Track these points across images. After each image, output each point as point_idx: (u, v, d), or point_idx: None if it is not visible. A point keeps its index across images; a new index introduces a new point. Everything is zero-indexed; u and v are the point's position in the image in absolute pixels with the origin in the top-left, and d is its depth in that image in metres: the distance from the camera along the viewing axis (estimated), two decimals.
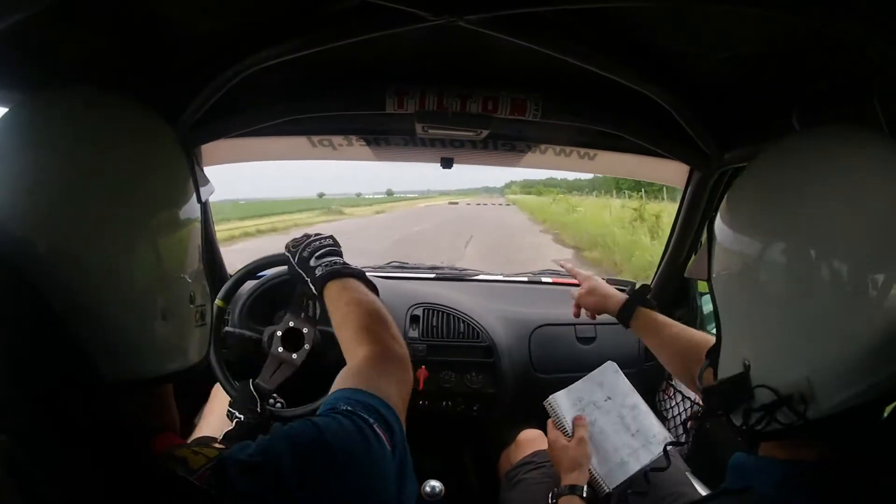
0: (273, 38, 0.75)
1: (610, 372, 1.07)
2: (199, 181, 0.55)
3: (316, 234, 0.89)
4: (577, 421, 0.98)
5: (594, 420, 1.01)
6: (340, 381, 0.59)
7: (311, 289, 0.83)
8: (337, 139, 1.24)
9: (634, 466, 0.96)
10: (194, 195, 0.54)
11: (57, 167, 0.44)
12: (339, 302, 0.77)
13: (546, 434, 1.19)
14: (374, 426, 0.50)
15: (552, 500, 0.90)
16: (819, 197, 0.46)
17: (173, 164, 0.52)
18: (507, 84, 0.97)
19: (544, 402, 1.04)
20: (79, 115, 0.48)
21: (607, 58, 0.78)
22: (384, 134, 1.22)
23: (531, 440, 1.20)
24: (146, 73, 0.75)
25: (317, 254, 0.84)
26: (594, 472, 0.95)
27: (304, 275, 0.84)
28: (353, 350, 0.68)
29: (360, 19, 0.71)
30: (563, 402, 1.03)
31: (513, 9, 0.66)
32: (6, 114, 0.47)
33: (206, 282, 0.56)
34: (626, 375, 1.09)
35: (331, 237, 0.89)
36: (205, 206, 0.85)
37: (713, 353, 0.58)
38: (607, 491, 0.94)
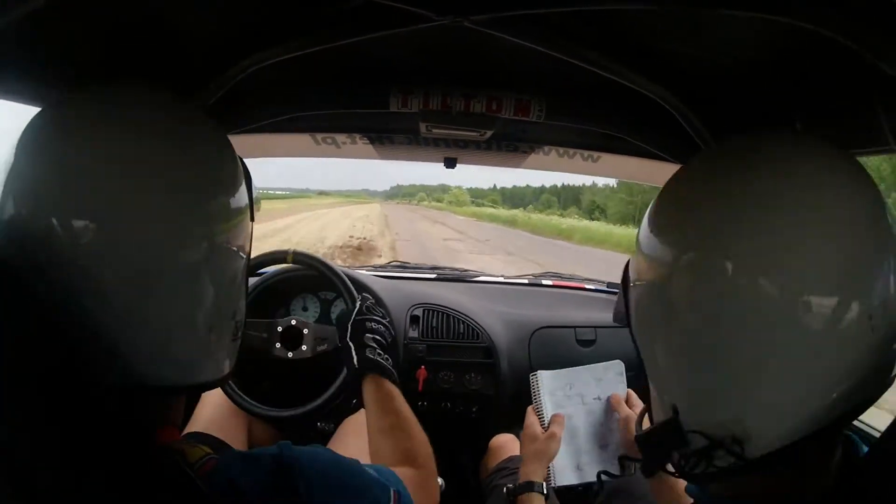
0: (277, 36, 0.76)
1: (613, 372, 1.00)
2: (252, 189, 0.55)
3: (388, 320, 0.92)
4: (554, 418, 0.94)
5: (572, 414, 0.95)
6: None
7: (348, 359, 0.83)
8: (341, 137, 1.25)
9: (588, 477, 0.92)
10: (245, 195, 0.53)
11: (114, 165, 0.43)
12: (384, 404, 0.78)
13: (516, 439, 1.18)
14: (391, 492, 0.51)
15: (509, 497, 0.87)
16: (748, 206, 0.41)
17: (231, 166, 0.52)
18: (511, 85, 0.97)
19: (530, 375, 0.99)
20: (126, 108, 0.46)
21: (612, 60, 0.78)
22: (388, 133, 1.22)
23: (502, 445, 1.19)
24: (149, 70, 0.76)
25: (377, 334, 0.87)
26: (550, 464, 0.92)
27: (354, 345, 0.84)
28: (390, 462, 0.67)
29: (365, 19, 0.71)
30: (547, 384, 0.98)
31: (518, 10, 0.65)
32: (40, 113, 0.45)
33: (245, 294, 0.55)
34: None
35: (389, 324, 0.92)
36: None
37: (645, 395, 0.55)
38: (552, 485, 0.91)
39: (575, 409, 0.96)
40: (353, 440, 1.07)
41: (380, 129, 1.21)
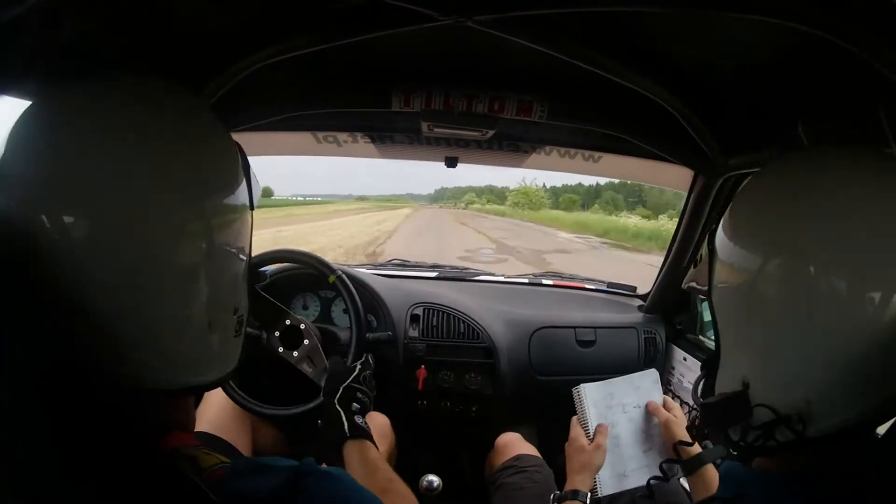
0: (280, 34, 0.75)
1: (650, 380, 1.03)
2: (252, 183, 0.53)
3: (370, 387, 0.94)
4: (599, 429, 0.96)
5: (616, 422, 0.98)
6: None
7: (334, 425, 0.83)
8: (342, 136, 1.25)
9: (633, 483, 0.95)
10: (245, 193, 0.52)
11: (110, 155, 0.42)
12: (372, 467, 0.77)
13: (523, 439, 1.21)
14: None
15: (554, 503, 0.90)
16: (820, 216, 0.46)
17: (232, 160, 0.51)
18: (513, 85, 0.97)
19: (573, 389, 1.00)
20: (125, 101, 0.45)
21: (615, 62, 0.78)
22: (389, 132, 1.22)
23: (508, 444, 1.20)
24: (153, 66, 0.75)
25: (358, 402, 0.87)
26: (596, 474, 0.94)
27: (341, 410, 0.84)
28: None
29: (368, 18, 0.71)
30: (591, 395, 0.99)
31: (521, 10, 0.65)
32: (32, 106, 0.45)
33: (247, 289, 0.54)
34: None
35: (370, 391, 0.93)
36: None
37: (710, 364, 0.58)
38: (598, 496, 0.93)
39: (618, 419, 0.99)
40: None
41: (381, 128, 1.21)
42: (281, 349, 1.08)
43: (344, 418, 0.82)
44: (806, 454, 0.48)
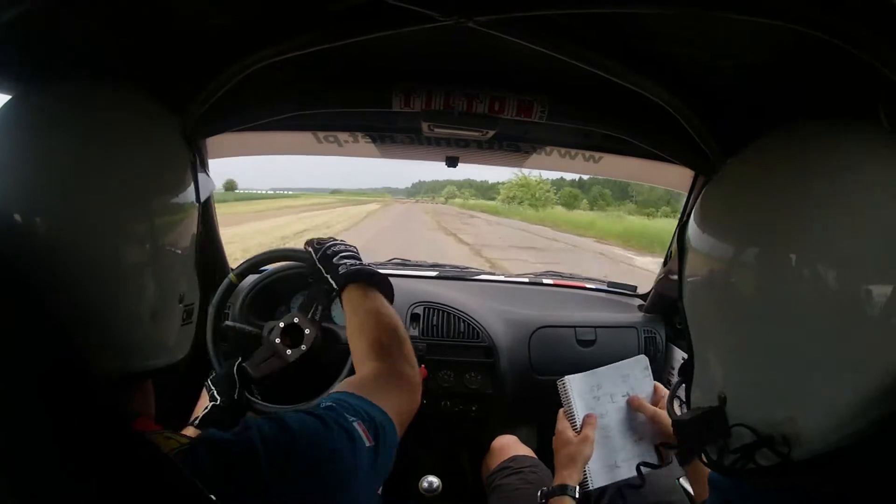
0: (280, 34, 0.75)
1: (639, 368, 1.00)
2: (198, 179, 0.55)
3: (340, 239, 0.90)
4: (587, 419, 0.94)
5: (604, 413, 0.96)
6: (340, 387, 0.59)
7: (327, 287, 0.82)
8: (343, 135, 1.25)
9: (624, 474, 0.93)
10: (192, 191, 0.54)
11: (56, 155, 0.44)
12: (358, 308, 0.76)
13: (519, 441, 1.22)
14: (354, 423, 0.50)
15: (542, 499, 0.89)
16: (805, 197, 0.40)
17: (173, 157, 0.52)
18: (513, 85, 0.97)
19: (558, 381, 0.98)
20: (78, 105, 0.48)
21: (615, 62, 0.78)
22: (390, 131, 1.22)
23: (504, 446, 1.21)
24: (153, 66, 0.76)
25: (341, 254, 0.84)
26: (585, 466, 0.93)
27: (325, 271, 0.83)
28: (363, 362, 0.67)
29: (368, 18, 0.71)
30: (576, 387, 0.97)
31: (522, 11, 0.65)
32: (7, 103, 0.47)
33: (196, 279, 0.56)
34: None
35: (354, 246, 0.89)
36: (207, 203, 0.84)
37: (686, 371, 0.52)
38: (589, 488, 0.92)
39: (606, 409, 0.97)
40: None
41: (382, 128, 1.21)
42: (278, 341, 1.08)
43: (330, 276, 0.81)
44: (794, 476, 0.42)
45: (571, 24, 0.73)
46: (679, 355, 1.35)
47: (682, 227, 0.52)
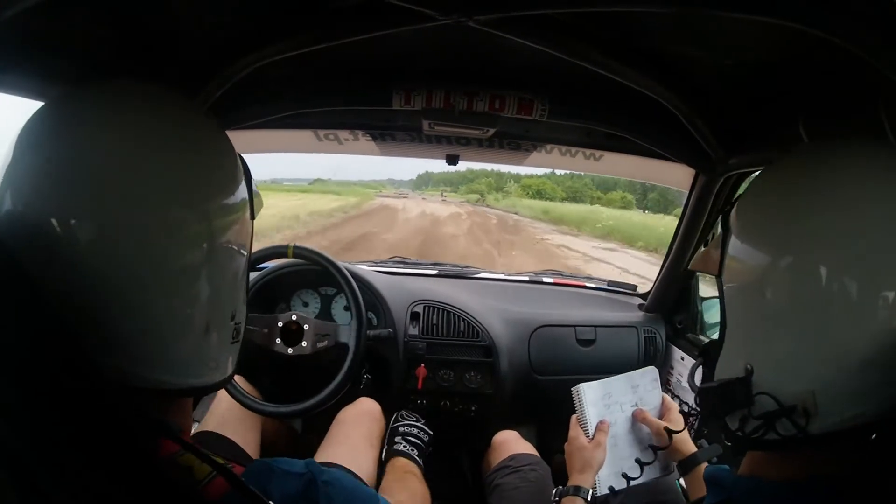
0: (281, 33, 0.76)
1: (649, 378, 1.02)
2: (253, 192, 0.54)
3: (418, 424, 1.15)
4: (599, 426, 0.96)
5: (614, 421, 0.98)
6: None
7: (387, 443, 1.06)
8: (343, 134, 1.25)
9: (631, 482, 0.94)
10: (247, 202, 0.52)
11: (114, 158, 0.43)
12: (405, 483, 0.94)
13: (520, 437, 1.21)
14: None
15: (556, 498, 0.90)
16: (830, 211, 0.45)
17: (232, 165, 0.51)
18: (514, 83, 0.97)
19: (572, 389, 0.99)
20: (137, 107, 0.46)
21: (615, 61, 0.78)
22: (390, 129, 1.22)
23: (504, 442, 1.20)
24: (154, 65, 0.76)
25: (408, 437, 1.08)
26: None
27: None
28: None
29: (369, 17, 0.71)
30: (589, 396, 0.99)
31: (522, 10, 0.65)
32: (42, 108, 0.45)
33: (245, 296, 0.55)
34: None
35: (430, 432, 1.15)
36: None
37: (709, 351, 0.56)
38: (596, 495, 0.92)
39: (615, 417, 0.98)
40: (352, 429, 1.08)
41: (382, 126, 1.21)
42: (281, 346, 1.08)
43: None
44: (802, 455, 0.46)
45: (571, 23, 0.73)
46: (679, 354, 1.35)
47: (726, 213, 0.56)
